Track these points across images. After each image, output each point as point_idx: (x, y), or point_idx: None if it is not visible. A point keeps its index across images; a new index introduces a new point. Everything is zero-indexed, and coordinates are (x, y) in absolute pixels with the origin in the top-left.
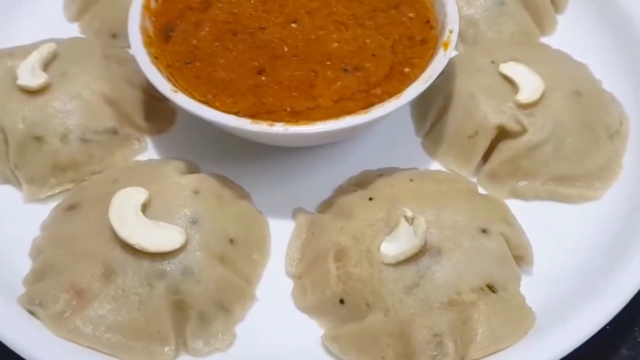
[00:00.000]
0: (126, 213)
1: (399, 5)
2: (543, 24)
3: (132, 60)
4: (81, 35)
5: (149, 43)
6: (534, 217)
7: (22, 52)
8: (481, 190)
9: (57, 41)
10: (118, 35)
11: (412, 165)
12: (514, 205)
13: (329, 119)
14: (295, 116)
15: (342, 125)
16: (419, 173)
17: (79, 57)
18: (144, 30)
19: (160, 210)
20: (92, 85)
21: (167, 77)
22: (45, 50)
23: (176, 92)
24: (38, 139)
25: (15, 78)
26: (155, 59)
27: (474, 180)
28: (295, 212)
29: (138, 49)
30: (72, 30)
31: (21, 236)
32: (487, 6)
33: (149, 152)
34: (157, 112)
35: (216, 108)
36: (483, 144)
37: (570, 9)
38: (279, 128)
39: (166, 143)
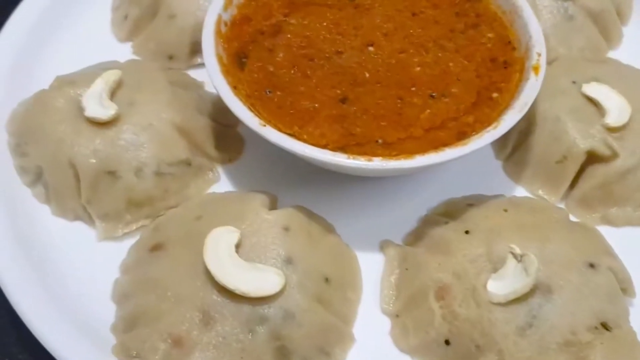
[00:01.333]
0: (221, 255)
1: (477, 26)
2: (610, 37)
3: (197, 85)
4: (134, 57)
5: (225, 71)
6: (626, 244)
7: (83, 79)
8: (572, 218)
9: (113, 64)
10: (175, 56)
11: (495, 191)
12: (605, 232)
13: (423, 150)
14: (388, 148)
15: (442, 158)
16: (511, 201)
17: (143, 83)
18: (219, 58)
19: (253, 250)
20: (162, 115)
21: (249, 108)
22: (111, 78)
23: (265, 125)
24: (111, 173)
25: (81, 109)
26: (234, 88)
27: (562, 206)
28: (383, 245)
29: (219, 80)
30: (123, 50)
31: (97, 277)
32: (555, 21)
33: (222, 182)
34: (226, 140)
35: (304, 140)
36: (572, 169)
37: (634, 21)
38: (377, 163)
39: (238, 172)
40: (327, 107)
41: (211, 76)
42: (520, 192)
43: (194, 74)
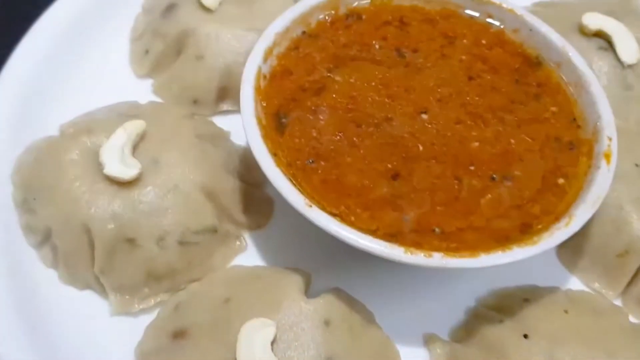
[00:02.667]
0: (256, 355)
1: (538, 97)
2: None
3: (224, 137)
4: (154, 96)
5: (265, 135)
6: None
7: (101, 126)
8: (631, 318)
9: (133, 107)
10: (200, 102)
11: (548, 279)
12: None
13: (485, 243)
14: (446, 239)
15: (510, 258)
16: (570, 299)
17: (169, 136)
18: (259, 120)
19: (291, 348)
20: (190, 176)
21: (292, 181)
22: (134, 130)
23: (311, 206)
24: (130, 241)
25: (99, 164)
26: (275, 156)
27: (618, 302)
28: (428, 340)
29: (259, 149)
30: (142, 87)
31: (109, 358)
32: (612, 90)
33: (248, 251)
34: (254, 203)
35: (351, 222)
36: (634, 264)
37: None
38: (437, 260)
39: (267, 240)
40: (377, 184)
41: (251, 143)
42: (575, 283)
43: (219, 120)
